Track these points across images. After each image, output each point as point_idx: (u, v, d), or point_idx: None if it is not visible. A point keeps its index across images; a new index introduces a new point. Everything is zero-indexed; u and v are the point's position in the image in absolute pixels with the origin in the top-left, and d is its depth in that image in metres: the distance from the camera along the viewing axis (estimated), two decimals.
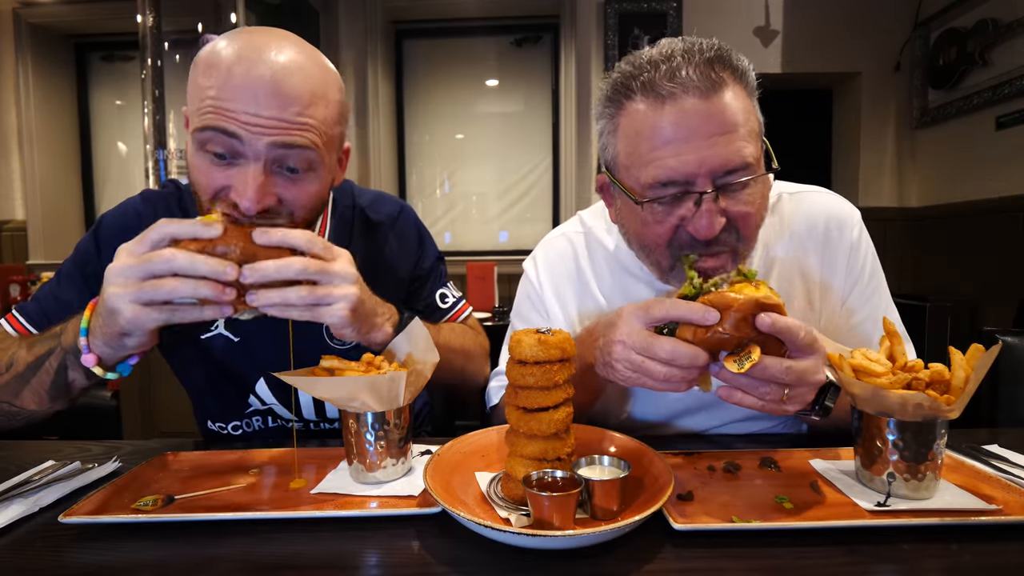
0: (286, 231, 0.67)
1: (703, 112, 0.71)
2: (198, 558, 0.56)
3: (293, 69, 0.71)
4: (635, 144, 0.75)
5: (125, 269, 0.63)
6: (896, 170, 3.42)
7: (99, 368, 0.72)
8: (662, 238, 0.78)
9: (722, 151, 0.71)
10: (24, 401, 0.79)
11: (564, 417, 0.65)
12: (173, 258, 0.62)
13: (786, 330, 0.62)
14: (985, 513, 0.59)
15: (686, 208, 0.75)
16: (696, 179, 0.72)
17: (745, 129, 0.73)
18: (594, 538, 0.55)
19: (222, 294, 0.64)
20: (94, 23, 3.66)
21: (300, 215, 0.78)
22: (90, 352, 0.70)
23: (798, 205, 0.94)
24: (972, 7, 2.92)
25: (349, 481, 0.71)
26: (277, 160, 0.73)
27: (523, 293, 1.06)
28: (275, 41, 0.73)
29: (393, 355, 0.81)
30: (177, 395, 2.90)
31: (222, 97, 0.69)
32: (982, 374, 0.61)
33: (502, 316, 2.76)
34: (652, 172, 0.74)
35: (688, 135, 0.71)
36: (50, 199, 3.69)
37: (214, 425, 1.06)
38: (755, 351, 0.63)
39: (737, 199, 0.75)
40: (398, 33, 3.75)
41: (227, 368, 0.99)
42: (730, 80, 0.73)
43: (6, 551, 0.58)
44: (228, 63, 0.70)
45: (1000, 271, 2.81)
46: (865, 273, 0.93)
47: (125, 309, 0.63)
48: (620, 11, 3.33)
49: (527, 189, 3.80)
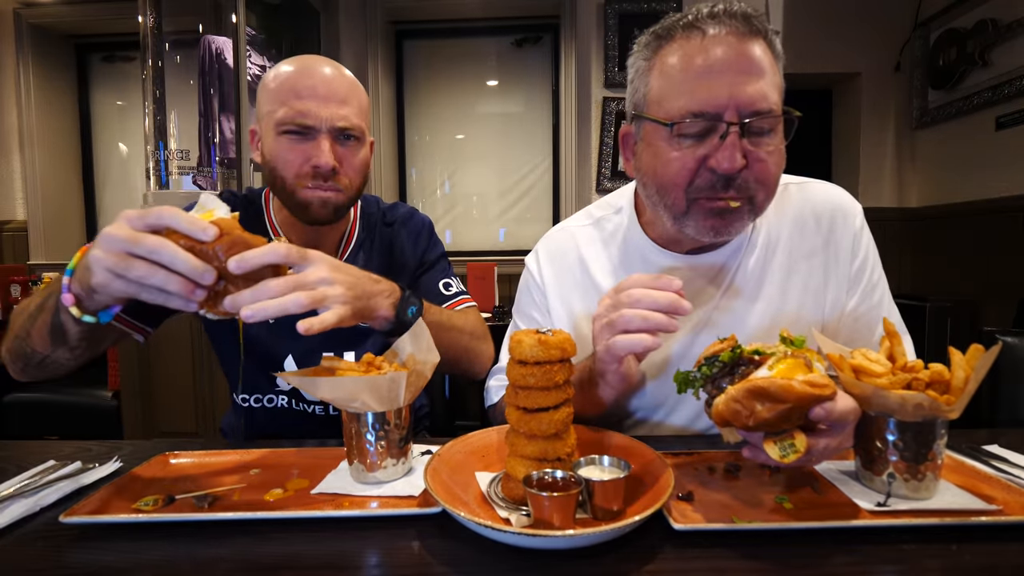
0: (257, 251, 0.67)
1: (738, 50, 0.76)
2: (198, 558, 0.56)
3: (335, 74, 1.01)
4: (670, 76, 0.79)
5: (115, 239, 0.64)
6: (896, 170, 3.42)
7: (76, 309, 0.72)
8: (682, 177, 0.79)
9: (751, 89, 0.75)
10: (33, 341, 0.82)
11: (564, 417, 0.65)
12: (158, 248, 0.63)
13: (840, 421, 0.60)
14: (985, 513, 0.59)
15: (710, 145, 0.77)
16: (724, 112, 0.76)
17: (772, 81, 0.77)
18: (594, 538, 0.55)
19: (190, 294, 0.65)
20: (95, 24, 3.66)
21: (353, 178, 1.02)
22: (68, 292, 0.71)
23: (804, 194, 0.97)
24: (972, 7, 2.92)
25: (349, 481, 0.71)
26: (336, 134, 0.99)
27: (524, 286, 1.08)
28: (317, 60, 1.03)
29: (395, 355, 0.81)
30: (177, 395, 2.91)
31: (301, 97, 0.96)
32: (982, 374, 0.61)
33: (502, 316, 2.76)
34: (684, 103, 0.77)
35: (723, 68, 0.75)
36: (51, 199, 3.69)
37: (239, 398, 1.13)
38: (800, 440, 0.58)
39: (759, 144, 0.77)
40: (398, 33, 3.75)
41: (259, 345, 1.08)
42: (763, 39, 0.78)
43: (7, 551, 0.58)
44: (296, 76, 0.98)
45: (1000, 271, 2.82)
46: (868, 262, 0.94)
47: (98, 272, 0.65)
48: (620, 11, 3.33)
49: (527, 189, 3.80)
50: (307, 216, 1.00)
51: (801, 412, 0.58)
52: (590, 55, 3.42)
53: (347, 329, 1.08)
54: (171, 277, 0.64)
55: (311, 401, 1.11)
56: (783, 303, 0.92)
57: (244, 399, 1.13)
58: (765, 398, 0.57)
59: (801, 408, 0.57)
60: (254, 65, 2.89)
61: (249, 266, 0.67)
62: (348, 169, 1.00)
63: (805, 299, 0.93)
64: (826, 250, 0.93)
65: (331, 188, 0.98)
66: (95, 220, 3.97)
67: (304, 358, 1.08)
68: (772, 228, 0.94)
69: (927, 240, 3.30)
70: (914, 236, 3.37)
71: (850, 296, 0.94)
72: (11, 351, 0.86)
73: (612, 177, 3.46)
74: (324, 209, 0.99)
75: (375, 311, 0.84)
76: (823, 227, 0.94)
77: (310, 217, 1.00)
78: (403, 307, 0.88)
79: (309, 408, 1.11)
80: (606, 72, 3.40)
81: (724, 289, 0.93)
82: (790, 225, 0.94)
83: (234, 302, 0.67)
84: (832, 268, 0.93)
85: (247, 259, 0.66)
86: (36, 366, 0.85)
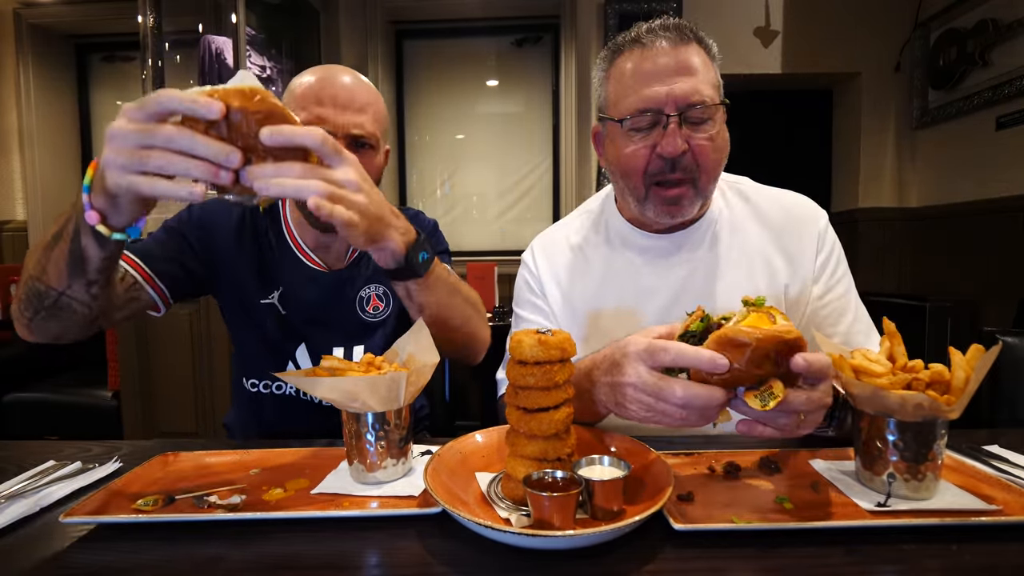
0: (295, 128, 0.65)
1: (673, 56, 0.91)
2: (198, 558, 0.56)
3: (355, 83, 1.03)
4: (620, 82, 0.95)
5: (123, 134, 0.61)
6: (896, 170, 3.42)
7: (104, 227, 0.69)
8: (639, 164, 0.94)
9: (685, 86, 0.90)
10: (49, 277, 0.77)
11: (564, 417, 0.65)
12: (174, 137, 0.61)
13: (820, 372, 0.62)
14: (985, 513, 0.59)
15: (657, 134, 0.92)
16: (664, 107, 0.90)
17: (704, 78, 0.92)
18: (594, 538, 0.55)
19: (216, 176, 0.62)
20: (95, 23, 3.66)
21: None
22: (92, 209, 0.68)
23: (772, 197, 1.08)
24: (972, 7, 2.92)
25: (349, 481, 0.71)
26: (350, 140, 1.00)
27: (520, 279, 1.16)
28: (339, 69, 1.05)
29: (395, 355, 0.81)
30: (177, 395, 2.91)
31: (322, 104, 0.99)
32: (982, 374, 0.61)
33: (502, 316, 2.76)
34: (632, 102, 0.92)
35: (659, 71, 0.91)
36: (51, 199, 3.69)
37: (248, 383, 1.15)
38: (777, 387, 0.61)
39: (697, 131, 0.91)
40: (398, 33, 3.75)
41: (273, 331, 1.11)
42: (695, 42, 0.93)
43: (7, 551, 0.58)
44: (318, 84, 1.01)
45: (1000, 271, 2.81)
46: (833, 258, 1.03)
47: (113, 173, 0.62)
48: (620, 11, 3.33)
49: (527, 189, 3.80)
50: (318, 220, 0.98)
51: (772, 360, 0.61)
52: (590, 55, 3.42)
53: (355, 323, 1.14)
54: (192, 162, 0.61)
55: None
56: (748, 283, 1.01)
57: (253, 384, 1.15)
58: (734, 346, 0.61)
59: (767, 350, 0.60)
60: (254, 65, 2.89)
61: (283, 139, 0.64)
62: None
63: (772, 282, 1.01)
64: (791, 248, 1.02)
65: None
66: None
67: (315, 352, 1.12)
68: (743, 228, 1.04)
69: (927, 240, 3.30)
70: (914, 236, 3.37)
71: (815, 284, 1.02)
72: (23, 297, 0.81)
73: None
74: None
75: (386, 239, 0.79)
76: (790, 222, 1.04)
77: (321, 222, 0.97)
78: (415, 249, 0.84)
79: (316, 399, 1.11)
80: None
81: (691, 270, 1.03)
82: (758, 226, 1.05)
83: (254, 173, 0.63)
84: (797, 259, 1.02)
85: (283, 132, 0.63)
86: (49, 309, 0.80)
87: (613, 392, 0.73)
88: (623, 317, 1.03)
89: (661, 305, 1.02)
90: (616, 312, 1.04)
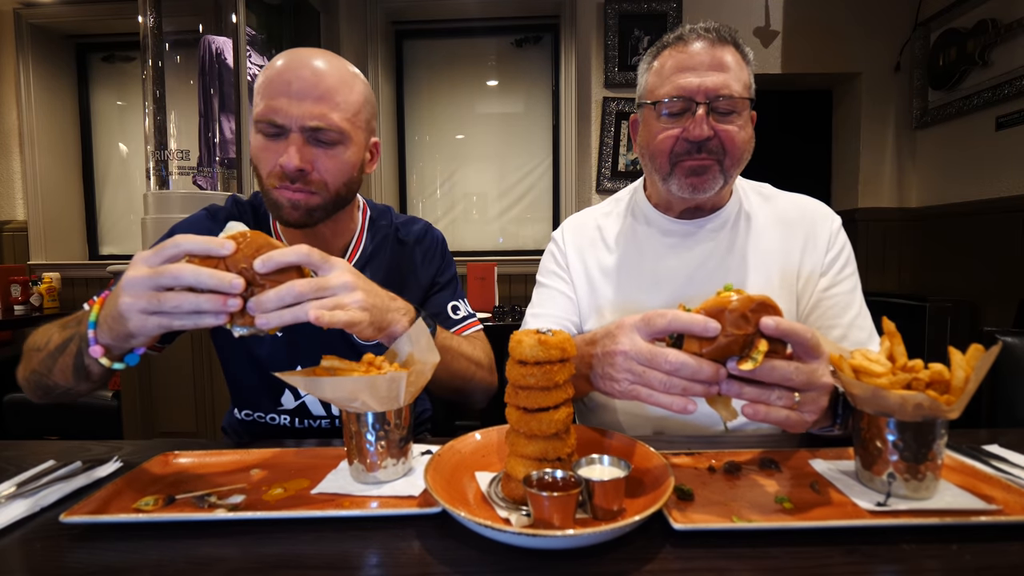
0: (282, 251, 0.70)
1: (707, 52, 0.99)
2: (198, 558, 0.56)
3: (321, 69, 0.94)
4: (659, 74, 1.04)
5: (139, 280, 0.67)
6: (896, 170, 3.42)
7: (106, 359, 0.75)
8: (667, 145, 1.01)
9: (716, 80, 0.98)
10: (56, 377, 0.84)
11: (564, 417, 0.65)
12: (180, 273, 0.67)
13: (791, 331, 0.64)
14: (985, 513, 0.59)
15: (687, 120, 0.99)
16: (695, 95, 0.98)
17: (736, 76, 0.99)
18: (594, 538, 0.55)
19: (224, 306, 0.67)
20: (95, 24, 3.66)
21: (331, 180, 0.96)
22: (97, 344, 0.75)
23: (791, 199, 1.16)
24: (972, 7, 2.92)
25: (349, 481, 0.71)
26: (308, 133, 0.93)
27: (548, 254, 1.24)
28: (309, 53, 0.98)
29: (395, 355, 0.81)
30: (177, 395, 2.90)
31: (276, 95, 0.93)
32: (982, 374, 0.61)
33: (502, 316, 2.76)
34: (667, 89, 1.01)
35: (695, 65, 0.99)
36: (51, 199, 3.70)
37: (241, 414, 1.13)
38: (762, 344, 0.63)
39: (724, 120, 0.99)
40: (398, 33, 3.75)
41: (267, 362, 1.07)
42: (731, 45, 1.01)
43: (7, 551, 0.58)
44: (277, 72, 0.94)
45: (1000, 271, 2.81)
46: (842, 256, 1.08)
47: (133, 318, 0.68)
48: (620, 11, 3.33)
49: (527, 190, 3.80)
50: (280, 217, 0.97)
51: (750, 322, 0.63)
52: (590, 55, 3.42)
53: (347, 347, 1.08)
54: (202, 296, 0.67)
55: (316, 415, 1.09)
56: (762, 268, 1.08)
57: (248, 415, 1.13)
58: (718, 313, 0.64)
59: (742, 311, 0.63)
60: (254, 65, 2.89)
61: (274, 264, 0.69)
62: (322, 171, 0.95)
63: (784, 267, 1.07)
64: (805, 234, 1.09)
65: (300, 190, 0.93)
66: (95, 220, 3.97)
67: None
68: (757, 212, 1.12)
69: (927, 240, 3.30)
70: (914, 236, 3.37)
71: (823, 277, 1.07)
72: (30, 383, 0.88)
73: (612, 177, 3.46)
74: (295, 211, 0.95)
75: (391, 324, 0.82)
76: (806, 220, 1.11)
77: (283, 218, 0.97)
78: None
79: (315, 423, 1.10)
80: (606, 72, 3.40)
81: (709, 252, 1.09)
82: (774, 224, 1.11)
83: (258, 302, 0.68)
84: (809, 251, 1.08)
85: (272, 257, 0.69)
86: (58, 396, 0.88)
87: (602, 362, 0.75)
88: (640, 293, 1.10)
89: (678, 284, 1.08)
90: (634, 288, 1.11)
